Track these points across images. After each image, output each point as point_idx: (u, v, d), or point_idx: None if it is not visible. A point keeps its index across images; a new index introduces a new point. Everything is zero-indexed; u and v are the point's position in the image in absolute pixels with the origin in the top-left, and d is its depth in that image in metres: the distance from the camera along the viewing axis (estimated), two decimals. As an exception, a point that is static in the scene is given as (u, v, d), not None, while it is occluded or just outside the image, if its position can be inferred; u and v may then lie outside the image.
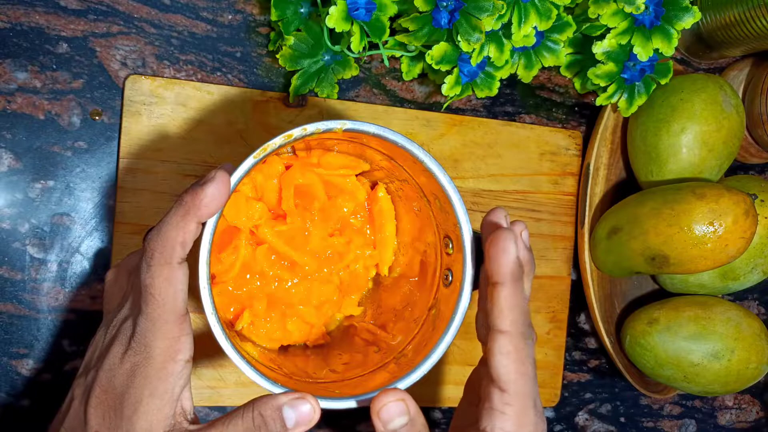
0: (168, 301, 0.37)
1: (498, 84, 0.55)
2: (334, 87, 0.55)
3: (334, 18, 0.48)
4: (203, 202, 0.37)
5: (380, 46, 0.52)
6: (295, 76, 0.53)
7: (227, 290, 0.49)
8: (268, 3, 0.55)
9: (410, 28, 0.50)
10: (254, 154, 0.39)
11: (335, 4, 0.48)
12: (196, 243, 0.39)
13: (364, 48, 0.50)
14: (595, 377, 0.68)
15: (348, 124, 0.41)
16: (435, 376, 0.61)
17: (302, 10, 0.52)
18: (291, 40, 0.52)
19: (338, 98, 0.57)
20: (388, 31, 0.51)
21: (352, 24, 0.49)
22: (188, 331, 0.38)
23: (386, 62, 0.53)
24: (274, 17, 0.51)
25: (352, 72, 0.55)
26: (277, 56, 0.52)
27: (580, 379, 0.67)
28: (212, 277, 0.48)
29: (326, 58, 0.53)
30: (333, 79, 0.55)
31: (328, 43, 0.52)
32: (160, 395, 0.37)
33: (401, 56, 0.55)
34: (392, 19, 0.53)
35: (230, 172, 0.39)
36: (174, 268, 0.37)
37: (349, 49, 0.52)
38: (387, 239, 0.53)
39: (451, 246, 0.47)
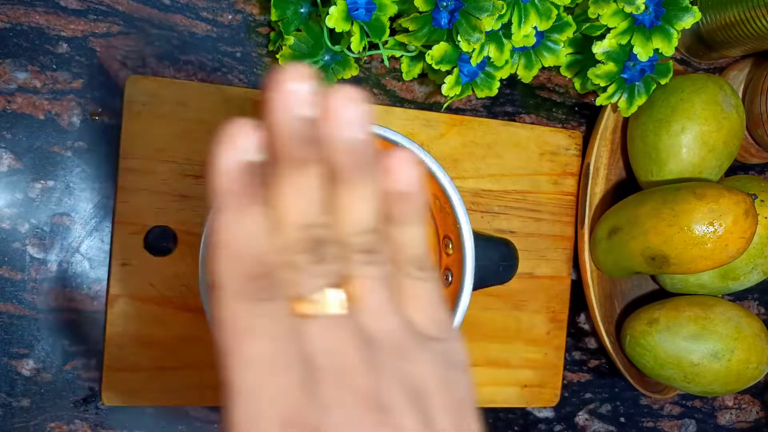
0: None
1: (498, 84, 0.55)
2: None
3: (334, 18, 0.48)
4: None
5: (380, 46, 0.52)
6: None
7: None
8: (268, 3, 0.55)
9: (410, 28, 0.50)
10: None
11: (335, 4, 0.48)
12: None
13: (364, 48, 0.50)
14: (595, 377, 0.68)
15: None
16: (435, 376, 0.61)
17: (302, 10, 0.52)
18: (291, 40, 0.52)
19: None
20: (388, 31, 0.51)
21: (352, 24, 0.49)
22: None
23: (386, 62, 0.53)
24: (274, 17, 0.51)
25: (352, 72, 0.55)
26: (277, 56, 0.52)
27: (580, 379, 0.67)
28: None
29: (326, 58, 0.53)
30: (333, 79, 0.55)
31: (328, 43, 0.52)
32: None
33: (401, 56, 0.55)
34: (392, 19, 0.53)
35: None
36: None
37: (349, 49, 0.52)
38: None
39: (450, 246, 0.47)
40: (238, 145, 0.24)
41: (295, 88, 0.24)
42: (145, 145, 0.53)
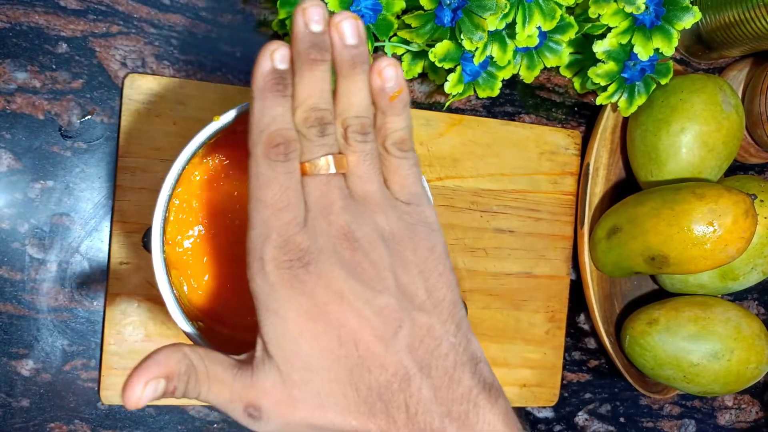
0: None
1: (500, 84, 0.55)
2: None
3: None
4: None
5: (386, 41, 0.52)
6: None
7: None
8: (268, 3, 0.55)
9: (413, 25, 0.50)
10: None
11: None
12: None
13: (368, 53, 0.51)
14: (594, 377, 0.68)
15: None
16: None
17: None
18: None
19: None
20: (395, 26, 0.50)
21: None
22: None
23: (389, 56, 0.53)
24: (281, 15, 0.51)
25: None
26: None
27: (579, 379, 0.68)
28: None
29: None
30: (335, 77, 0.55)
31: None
32: None
33: (403, 54, 0.55)
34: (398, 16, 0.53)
35: None
36: None
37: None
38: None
39: None
40: (271, 56, 0.33)
41: (309, 11, 0.33)
42: (144, 144, 0.53)
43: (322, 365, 0.31)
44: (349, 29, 0.34)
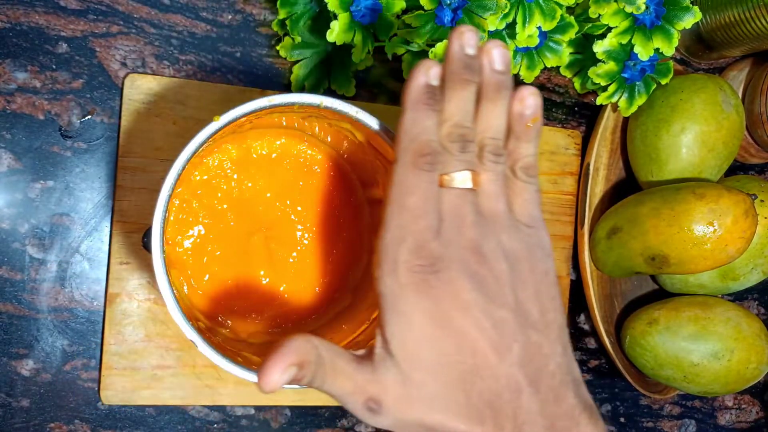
0: None
1: (499, 84, 0.55)
2: (350, 81, 0.55)
3: (334, 33, 0.48)
4: None
5: (386, 41, 0.52)
6: (297, 65, 0.53)
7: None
8: (268, 3, 0.55)
9: (413, 25, 0.50)
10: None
11: (336, 18, 0.48)
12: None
13: (368, 53, 0.51)
14: (595, 377, 0.68)
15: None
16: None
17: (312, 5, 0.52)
18: (298, 38, 0.52)
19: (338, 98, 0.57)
20: (396, 25, 0.51)
21: (354, 35, 0.49)
22: None
23: (389, 56, 0.53)
24: (282, 15, 0.51)
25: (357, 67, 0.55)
26: (278, 47, 0.52)
27: (579, 379, 0.67)
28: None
29: (329, 49, 0.53)
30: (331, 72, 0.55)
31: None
32: None
33: (403, 54, 0.55)
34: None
35: None
36: None
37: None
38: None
39: None
40: (427, 72, 0.35)
41: (465, 35, 0.35)
42: (144, 143, 0.53)
43: (440, 369, 0.32)
44: (499, 56, 0.36)
